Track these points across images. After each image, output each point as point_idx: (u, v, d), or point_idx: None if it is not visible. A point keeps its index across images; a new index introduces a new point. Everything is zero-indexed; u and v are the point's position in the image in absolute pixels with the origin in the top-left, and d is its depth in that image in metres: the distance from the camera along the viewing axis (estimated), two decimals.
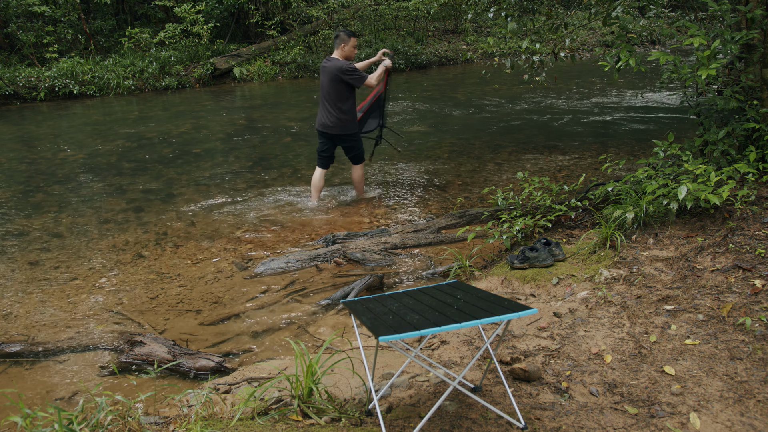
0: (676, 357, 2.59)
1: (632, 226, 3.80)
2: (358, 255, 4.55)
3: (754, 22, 3.97)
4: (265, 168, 7.35)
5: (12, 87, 13.24)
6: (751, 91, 4.16)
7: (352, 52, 5.51)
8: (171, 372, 3.19)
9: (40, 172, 7.59)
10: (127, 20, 16.94)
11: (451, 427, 2.27)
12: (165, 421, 2.42)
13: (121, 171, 7.50)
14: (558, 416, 2.31)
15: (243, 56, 15.85)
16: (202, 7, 15.66)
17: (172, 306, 4.02)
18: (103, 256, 4.88)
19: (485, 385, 2.57)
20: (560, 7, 7.60)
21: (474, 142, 8.08)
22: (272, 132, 9.43)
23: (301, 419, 2.33)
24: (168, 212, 5.92)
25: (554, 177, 6.22)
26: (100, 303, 4.09)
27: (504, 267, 3.96)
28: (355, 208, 5.82)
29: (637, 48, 16.77)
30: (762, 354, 2.50)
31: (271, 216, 5.67)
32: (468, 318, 2.09)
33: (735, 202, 3.54)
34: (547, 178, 4.77)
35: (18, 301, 4.16)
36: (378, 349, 2.92)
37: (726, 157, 4.05)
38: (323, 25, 17.25)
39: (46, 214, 5.99)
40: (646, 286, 3.20)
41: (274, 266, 4.48)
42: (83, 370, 3.29)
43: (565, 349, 2.79)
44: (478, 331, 3.07)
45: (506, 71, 5.33)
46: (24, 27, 14.59)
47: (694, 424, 2.19)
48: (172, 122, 10.50)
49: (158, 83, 14.53)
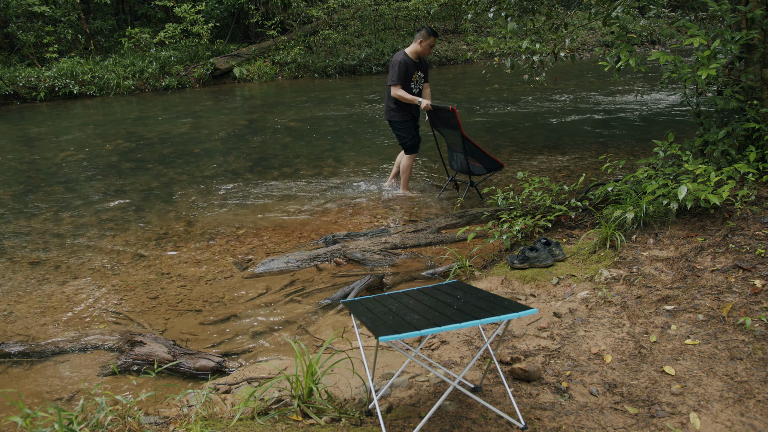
0: (676, 357, 2.59)
1: (632, 226, 3.80)
2: (358, 255, 4.55)
3: (754, 22, 3.97)
4: (265, 168, 7.35)
5: (12, 87, 13.24)
6: (751, 91, 4.16)
7: (426, 50, 5.66)
8: (171, 372, 3.18)
9: (40, 172, 7.59)
10: (127, 20, 16.94)
11: (451, 427, 2.27)
12: (165, 421, 2.42)
13: (121, 171, 7.50)
14: (558, 416, 2.31)
15: (243, 56, 15.85)
16: (202, 7, 15.67)
17: (172, 306, 4.02)
18: (103, 256, 4.88)
19: (485, 385, 2.57)
20: (560, 7, 7.60)
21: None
22: (272, 132, 9.43)
23: (301, 419, 2.33)
24: (168, 212, 5.92)
25: (554, 177, 6.22)
26: (100, 303, 4.09)
27: (504, 267, 3.96)
28: (355, 207, 5.82)
29: (637, 48, 16.77)
30: (762, 354, 2.50)
31: (271, 216, 5.67)
32: (468, 318, 2.09)
33: (735, 202, 3.54)
34: (547, 178, 4.77)
35: (18, 301, 4.16)
36: (378, 349, 2.92)
37: (726, 157, 4.05)
38: (323, 25, 17.26)
39: (46, 214, 5.99)
40: (646, 286, 3.20)
41: (274, 266, 4.48)
42: (83, 370, 3.29)
43: (565, 349, 2.79)
44: (478, 331, 3.07)
45: (506, 71, 5.33)
46: (24, 27, 14.59)
47: (694, 424, 2.19)
48: (172, 122, 10.50)
49: (158, 83, 14.53)
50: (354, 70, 16.11)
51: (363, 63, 16.14)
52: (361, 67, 16.13)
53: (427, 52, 5.68)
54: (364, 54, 16.21)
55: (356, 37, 17.38)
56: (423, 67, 5.77)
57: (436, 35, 5.66)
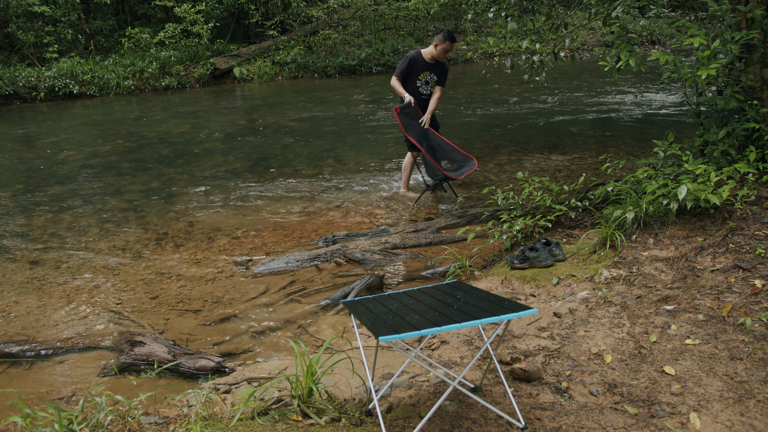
0: (676, 357, 2.59)
1: (632, 226, 3.80)
2: (358, 255, 4.55)
3: (754, 22, 3.97)
4: (265, 168, 7.35)
5: (12, 87, 13.24)
6: (751, 91, 4.16)
7: (441, 54, 5.49)
8: (171, 372, 3.19)
9: (40, 172, 7.59)
10: (127, 20, 16.94)
11: (451, 427, 2.27)
12: (165, 421, 2.42)
13: (121, 171, 7.50)
14: (558, 416, 2.31)
15: (243, 56, 15.85)
16: (202, 7, 15.66)
17: (172, 306, 4.02)
18: (103, 256, 4.88)
19: (485, 385, 2.57)
20: (560, 7, 7.60)
21: (474, 142, 8.07)
22: (272, 132, 9.43)
23: (301, 419, 2.33)
24: (168, 212, 5.92)
25: (554, 177, 6.22)
26: (100, 303, 4.09)
27: (504, 267, 3.96)
28: (355, 207, 5.82)
29: (637, 48, 16.77)
30: (762, 354, 2.50)
31: (271, 216, 5.67)
32: (468, 318, 2.09)
33: (735, 202, 3.54)
34: (547, 178, 4.77)
35: (18, 301, 4.16)
36: (378, 349, 2.92)
37: (726, 157, 4.05)
38: (323, 25, 17.25)
39: (46, 214, 5.99)
40: (646, 286, 3.20)
41: (274, 266, 4.48)
42: (83, 370, 3.29)
43: (565, 349, 2.79)
44: (478, 331, 3.07)
45: (506, 71, 5.33)
46: (24, 27, 14.59)
47: (694, 424, 2.19)
48: (172, 122, 10.50)
49: (158, 83, 14.53)
50: (354, 70, 16.11)
51: (363, 63, 16.14)
52: (361, 67, 16.13)
53: (442, 56, 5.49)
54: (364, 54, 16.21)
55: (356, 37, 17.38)
56: (437, 69, 5.61)
57: (453, 40, 5.45)
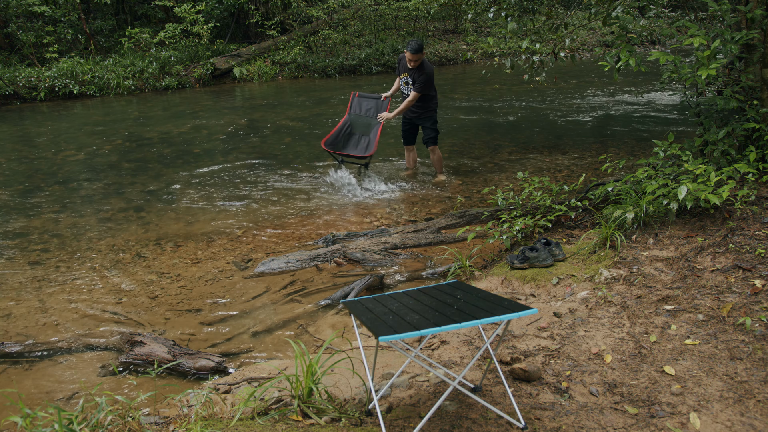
0: (676, 357, 2.59)
1: (632, 226, 3.80)
2: (358, 255, 4.56)
3: (754, 22, 3.97)
4: (265, 168, 7.34)
5: (12, 87, 13.24)
6: (751, 91, 4.16)
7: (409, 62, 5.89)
8: (171, 372, 3.19)
9: (40, 172, 7.59)
10: (127, 20, 16.94)
11: (451, 427, 2.27)
12: (165, 421, 2.42)
13: (121, 171, 7.50)
14: (558, 416, 2.31)
15: (243, 56, 15.84)
16: (202, 7, 15.66)
17: (172, 306, 4.02)
18: (103, 256, 4.88)
19: (485, 385, 2.57)
20: (560, 7, 7.60)
21: (474, 142, 8.08)
22: (272, 132, 9.43)
23: (301, 419, 2.33)
24: (168, 212, 5.92)
25: (554, 177, 6.22)
26: (100, 303, 4.09)
27: (504, 267, 3.96)
28: (355, 207, 5.82)
29: (637, 48, 16.77)
30: (762, 354, 2.50)
31: (271, 216, 5.67)
32: (468, 318, 2.09)
33: (735, 202, 3.54)
34: (547, 178, 4.77)
35: (18, 301, 4.16)
36: (378, 349, 2.92)
37: (726, 157, 4.05)
38: (323, 25, 17.25)
39: (46, 214, 5.99)
40: (646, 286, 3.20)
41: (274, 266, 4.48)
42: (83, 370, 3.29)
43: (565, 349, 2.78)
44: (478, 331, 3.07)
45: (506, 71, 5.33)
46: (24, 27, 14.58)
47: (694, 424, 2.19)
48: (172, 122, 10.50)
49: (158, 83, 14.52)
50: (354, 70, 16.11)
51: (363, 63, 16.13)
52: (361, 67, 16.12)
53: (411, 64, 5.92)
54: (364, 54, 16.20)
55: (356, 37, 17.37)
56: (414, 75, 6.02)
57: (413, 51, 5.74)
